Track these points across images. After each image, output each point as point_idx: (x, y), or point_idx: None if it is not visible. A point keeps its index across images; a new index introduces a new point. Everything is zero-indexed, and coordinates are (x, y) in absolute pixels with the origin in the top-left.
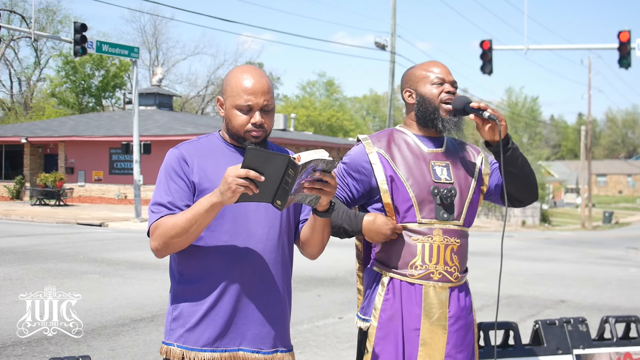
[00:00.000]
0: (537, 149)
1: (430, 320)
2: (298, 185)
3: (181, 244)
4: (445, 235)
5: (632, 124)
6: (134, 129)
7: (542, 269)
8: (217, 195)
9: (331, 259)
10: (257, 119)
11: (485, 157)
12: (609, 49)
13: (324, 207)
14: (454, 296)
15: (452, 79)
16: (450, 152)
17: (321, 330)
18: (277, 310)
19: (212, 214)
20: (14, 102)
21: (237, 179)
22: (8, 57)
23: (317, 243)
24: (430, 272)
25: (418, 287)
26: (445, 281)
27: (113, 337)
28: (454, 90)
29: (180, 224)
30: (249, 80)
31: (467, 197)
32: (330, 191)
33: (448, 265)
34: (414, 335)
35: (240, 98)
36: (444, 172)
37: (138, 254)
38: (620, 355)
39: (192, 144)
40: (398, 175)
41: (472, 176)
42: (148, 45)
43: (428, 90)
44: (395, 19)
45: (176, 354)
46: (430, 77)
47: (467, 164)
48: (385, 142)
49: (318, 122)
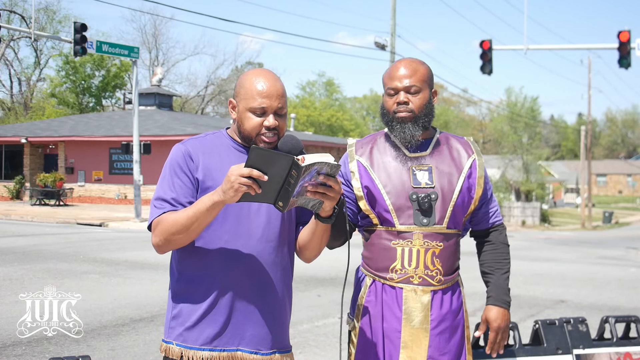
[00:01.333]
0: (536, 149)
1: (411, 324)
2: (301, 187)
3: (182, 241)
4: (425, 239)
5: (632, 123)
6: (134, 129)
7: (542, 269)
8: (219, 194)
9: (331, 259)
10: (271, 122)
11: (480, 160)
12: (609, 49)
13: (326, 212)
14: (437, 299)
15: (407, 85)
16: (437, 155)
17: (321, 330)
18: (276, 311)
19: (213, 213)
20: (13, 102)
21: (240, 178)
22: (8, 57)
23: (315, 247)
24: (409, 276)
25: (399, 291)
26: (427, 285)
27: (113, 337)
28: (407, 98)
29: (182, 221)
30: (263, 84)
31: (451, 200)
32: (333, 196)
33: (429, 269)
34: (395, 338)
35: (254, 101)
36: (425, 177)
37: (138, 254)
38: (620, 355)
39: (198, 140)
40: (375, 183)
41: (457, 179)
42: (148, 45)
43: (385, 100)
44: (395, 19)
45: (175, 352)
46: (386, 86)
47: (454, 167)
48: (368, 148)
49: (318, 122)
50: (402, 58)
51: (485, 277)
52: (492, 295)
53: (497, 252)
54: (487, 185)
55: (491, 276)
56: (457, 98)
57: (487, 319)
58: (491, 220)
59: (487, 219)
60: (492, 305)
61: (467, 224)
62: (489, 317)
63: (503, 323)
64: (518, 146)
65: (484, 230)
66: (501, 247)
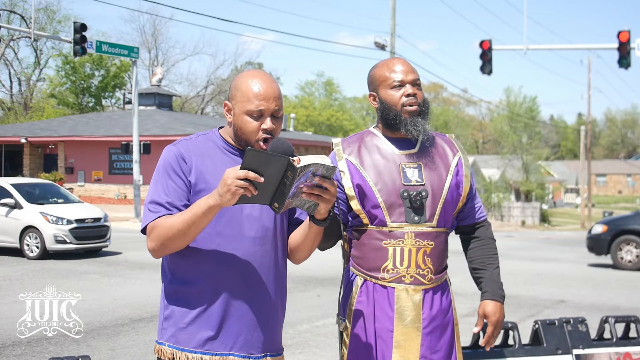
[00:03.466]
0: (536, 149)
1: (403, 323)
2: (296, 189)
3: (179, 245)
4: (417, 238)
5: (632, 124)
6: (134, 129)
7: (541, 269)
8: (216, 198)
9: (331, 259)
10: (268, 125)
11: (465, 158)
12: (609, 49)
13: (322, 215)
14: (428, 298)
15: (413, 78)
16: (424, 152)
17: (321, 330)
18: (269, 315)
19: (209, 217)
20: (13, 102)
21: (237, 180)
22: (8, 57)
23: (307, 249)
24: (401, 275)
25: (390, 290)
26: (418, 284)
27: (113, 337)
28: (415, 91)
29: (178, 226)
30: (260, 86)
31: (441, 197)
32: (328, 198)
33: (420, 268)
34: (387, 337)
35: (251, 103)
36: (415, 174)
37: (138, 254)
38: (620, 355)
39: (190, 142)
40: (366, 182)
41: (446, 176)
42: (147, 45)
43: (388, 95)
44: (395, 19)
45: (167, 353)
46: (389, 80)
47: (442, 164)
48: (356, 147)
49: (318, 122)
50: (390, 58)
51: (476, 273)
52: (488, 290)
53: (487, 248)
54: (472, 182)
55: (484, 272)
56: (457, 98)
57: (485, 313)
58: (477, 215)
59: (473, 215)
60: (489, 300)
61: (454, 221)
62: (487, 312)
63: (501, 317)
64: (518, 146)
65: (470, 225)
66: (489, 242)
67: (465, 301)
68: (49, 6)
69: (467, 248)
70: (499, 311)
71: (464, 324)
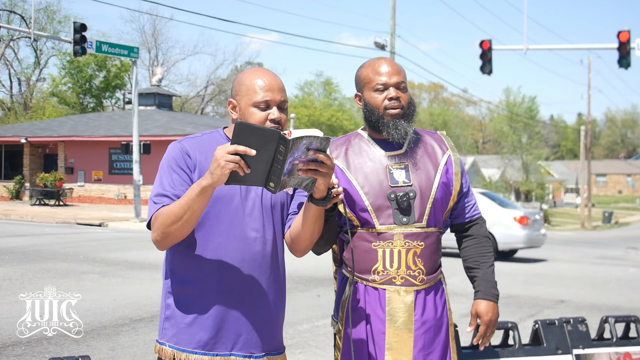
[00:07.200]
0: (536, 148)
1: (395, 325)
2: (291, 165)
3: (179, 233)
4: (406, 239)
5: (632, 123)
6: (134, 129)
7: (541, 269)
8: (207, 178)
9: (331, 259)
10: (275, 115)
11: (455, 155)
12: (609, 49)
13: (321, 192)
14: (420, 299)
15: (397, 81)
16: (412, 152)
17: (321, 330)
18: (269, 314)
19: (203, 198)
20: (13, 102)
21: (227, 155)
22: (8, 57)
23: (307, 237)
24: (392, 277)
25: (382, 292)
26: (409, 285)
27: (113, 337)
28: (399, 94)
29: (175, 211)
30: (264, 78)
31: (429, 197)
32: (326, 172)
33: (411, 269)
34: (379, 339)
35: (257, 95)
36: (402, 175)
37: (138, 254)
38: (620, 355)
39: (195, 140)
40: (352, 185)
41: (434, 175)
42: (147, 45)
43: (372, 97)
44: (394, 19)
45: (167, 353)
46: (373, 82)
47: (430, 163)
48: (343, 149)
49: (318, 122)
50: (377, 57)
51: (470, 272)
52: (481, 290)
53: (481, 246)
54: (464, 179)
55: (477, 270)
56: (457, 98)
57: (478, 312)
58: (470, 213)
59: (465, 212)
60: (482, 299)
61: (448, 221)
62: (479, 311)
63: (494, 316)
64: (518, 146)
65: (462, 223)
66: (484, 240)
67: (466, 301)
68: (49, 6)
69: (461, 247)
70: (491, 310)
71: (464, 324)
